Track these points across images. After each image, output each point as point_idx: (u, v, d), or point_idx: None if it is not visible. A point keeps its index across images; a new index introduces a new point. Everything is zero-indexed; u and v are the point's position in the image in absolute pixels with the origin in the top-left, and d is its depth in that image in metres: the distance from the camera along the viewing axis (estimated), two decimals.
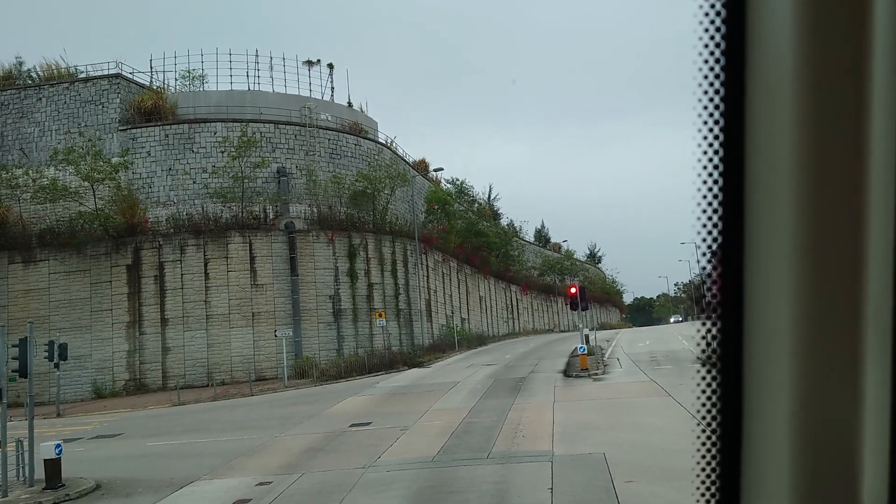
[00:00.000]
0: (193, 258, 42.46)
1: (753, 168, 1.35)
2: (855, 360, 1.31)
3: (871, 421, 1.32)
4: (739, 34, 1.33)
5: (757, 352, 1.37)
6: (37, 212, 42.99)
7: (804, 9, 1.27)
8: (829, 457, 1.33)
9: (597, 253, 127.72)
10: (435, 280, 56.49)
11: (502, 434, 18.43)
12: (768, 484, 1.37)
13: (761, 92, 1.33)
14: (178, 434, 23.69)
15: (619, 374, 30.11)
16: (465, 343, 53.37)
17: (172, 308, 41.87)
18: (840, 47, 1.27)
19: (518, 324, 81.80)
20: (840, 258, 1.31)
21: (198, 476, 16.56)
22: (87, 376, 40.58)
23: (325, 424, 22.61)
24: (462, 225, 64.87)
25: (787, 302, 1.32)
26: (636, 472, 13.39)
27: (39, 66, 48.12)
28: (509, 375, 31.90)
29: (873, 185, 1.29)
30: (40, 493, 16.04)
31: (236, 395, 34.28)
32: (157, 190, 43.86)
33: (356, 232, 46.71)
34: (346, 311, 45.27)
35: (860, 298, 1.31)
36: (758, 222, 1.35)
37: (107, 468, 18.33)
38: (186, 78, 49.12)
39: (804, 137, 1.29)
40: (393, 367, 39.64)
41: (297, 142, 46.59)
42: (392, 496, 13.32)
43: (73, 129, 43.92)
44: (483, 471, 14.65)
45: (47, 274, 42.16)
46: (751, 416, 1.39)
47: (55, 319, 40.76)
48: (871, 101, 1.28)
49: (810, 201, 1.30)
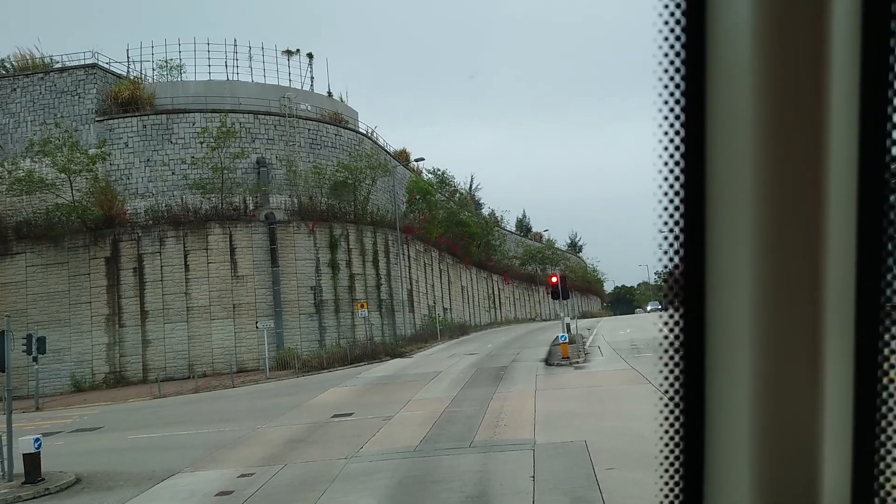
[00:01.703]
0: (173, 250, 42.14)
1: (714, 161, 1.37)
2: (815, 352, 1.34)
3: (832, 412, 1.35)
4: (699, 29, 1.35)
5: (718, 342, 1.39)
6: (13, 204, 42.38)
7: (763, 4, 1.29)
8: (789, 446, 1.37)
9: (578, 242, 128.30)
10: (417, 270, 56.47)
11: (484, 423, 18.53)
12: (731, 472, 1.40)
13: (721, 86, 1.35)
14: (159, 427, 23.57)
15: (600, 363, 30.31)
16: (447, 333, 53.46)
17: (152, 300, 41.55)
18: (798, 43, 1.30)
19: (500, 313, 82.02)
20: (800, 251, 1.33)
21: (179, 469, 16.51)
22: (66, 369, 40.22)
23: (307, 415, 22.60)
24: (443, 215, 64.79)
25: (748, 294, 1.35)
26: (617, 459, 13.52)
27: (13, 56, 47.26)
28: (491, 364, 32.02)
29: (832, 180, 1.32)
30: (19, 488, 15.92)
31: (218, 387, 34.15)
32: (135, 181, 43.40)
33: (337, 222, 46.55)
34: (327, 302, 45.17)
35: (820, 291, 1.33)
36: (718, 215, 1.37)
37: (87, 462, 18.21)
38: (164, 68, 48.60)
39: (763, 131, 1.31)
40: (375, 358, 39.64)
41: (276, 132, 46.28)
42: (375, 486, 13.37)
43: (48, 120, 43.29)
44: (465, 460, 14.73)
45: (24, 267, 41.65)
46: (713, 404, 1.41)
47: (33, 313, 40.28)
48: (829, 96, 1.30)
49: (770, 195, 1.32)
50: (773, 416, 1.36)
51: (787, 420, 1.36)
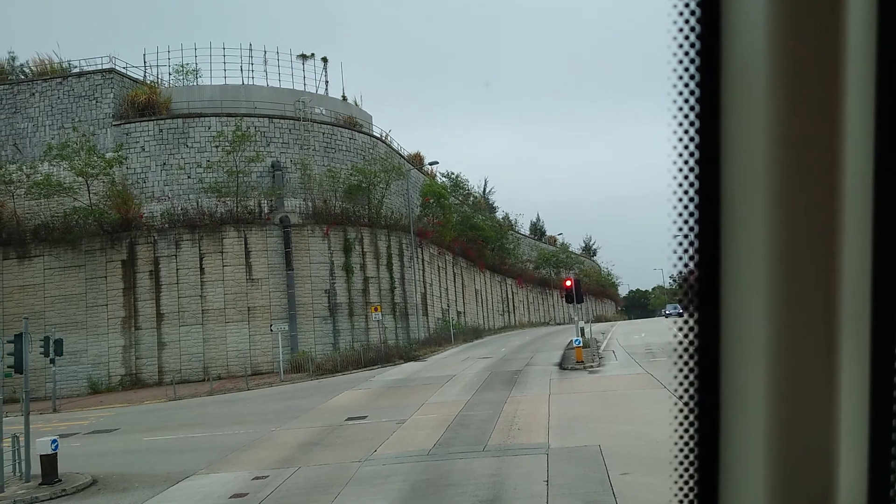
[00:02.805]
0: (188, 253, 42.40)
1: (729, 163, 1.37)
2: (831, 355, 1.34)
3: (847, 416, 1.34)
4: (714, 31, 1.35)
5: (734, 346, 1.39)
6: (31, 207, 42.85)
7: (778, 6, 1.29)
8: (805, 450, 1.36)
9: (592, 246, 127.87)
10: (431, 274, 56.48)
11: (498, 427, 18.49)
12: (746, 476, 1.40)
13: (736, 88, 1.35)
14: (174, 429, 23.71)
15: (615, 367, 30.20)
16: (461, 336, 53.39)
17: (168, 303, 41.81)
18: (814, 44, 1.30)
19: (514, 317, 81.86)
20: (816, 254, 1.33)
21: (194, 470, 16.60)
22: (82, 371, 40.54)
23: (321, 418, 22.65)
24: (457, 218, 64.78)
25: (763, 297, 1.34)
26: (632, 464, 13.46)
27: (32, 61, 47.90)
28: (505, 368, 31.97)
29: (848, 182, 1.31)
30: (37, 489, 16.07)
31: (232, 390, 34.29)
32: (151, 185, 43.72)
33: (351, 226, 46.66)
34: (341, 306, 45.27)
35: (836, 294, 1.33)
36: (734, 218, 1.37)
37: (103, 463, 18.35)
38: (180, 72, 48.92)
39: (779, 133, 1.31)
40: (389, 361, 39.68)
41: (291, 136, 46.47)
42: (388, 489, 13.38)
43: (66, 124, 43.71)
44: (479, 464, 14.71)
45: (42, 269, 42.06)
46: (728, 408, 1.41)
47: (50, 315, 40.65)
48: (845, 98, 1.30)
49: (785, 197, 1.32)
50: (788, 420, 1.35)
51: (802, 424, 1.35)
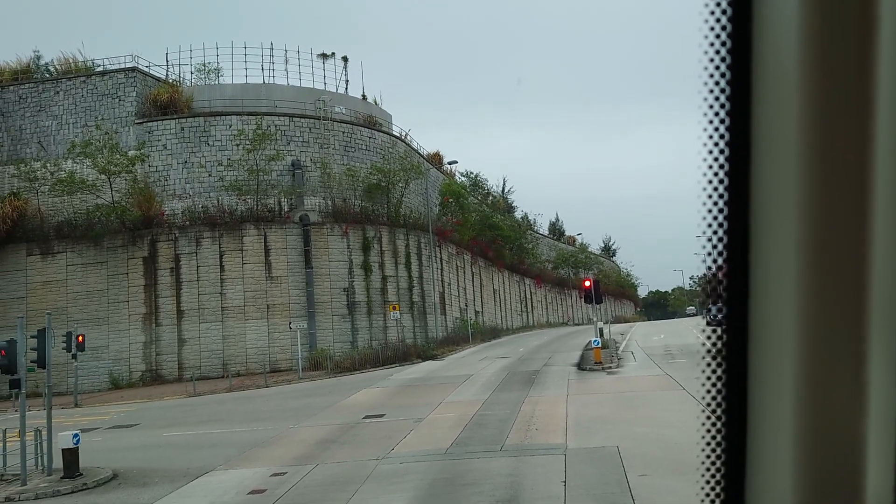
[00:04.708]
0: (209, 250, 42.73)
1: (759, 165, 1.35)
2: (859, 356, 1.32)
3: (876, 418, 1.32)
4: (745, 28, 1.34)
5: (762, 347, 1.38)
6: (54, 204, 43.41)
7: (810, 5, 1.27)
8: (833, 454, 1.34)
9: (611, 246, 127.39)
10: (449, 273, 56.50)
11: (515, 427, 18.46)
12: (773, 480, 1.38)
13: (768, 88, 1.33)
14: (193, 424, 23.90)
15: (633, 368, 30.04)
16: (478, 336, 53.38)
17: (188, 300, 42.17)
18: (846, 42, 1.28)
19: (532, 317, 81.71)
20: (846, 257, 1.31)
21: (213, 466, 16.72)
22: (104, 367, 41.00)
23: (339, 416, 22.73)
24: (476, 218, 64.76)
25: (792, 298, 1.33)
26: (650, 465, 13.39)
27: (57, 59, 48.57)
28: (523, 368, 31.90)
29: (879, 182, 1.29)
30: (58, 482, 16.26)
31: (251, 387, 34.52)
32: (172, 183, 44.11)
33: (370, 225, 46.80)
34: (360, 304, 45.40)
35: (866, 297, 1.31)
36: (763, 218, 1.35)
37: (124, 458, 18.54)
38: (202, 71, 49.34)
39: (809, 133, 1.29)
40: (407, 360, 39.76)
41: (311, 135, 46.69)
42: (405, 488, 13.39)
43: (90, 122, 44.22)
44: (496, 463, 14.69)
45: (65, 266, 42.57)
46: (755, 411, 1.39)
47: (73, 311, 41.17)
48: (876, 97, 1.28)
49: (815, 197, 1.30)
50: (817, 424, 1.34)
51: (831, 429, 1.34)
